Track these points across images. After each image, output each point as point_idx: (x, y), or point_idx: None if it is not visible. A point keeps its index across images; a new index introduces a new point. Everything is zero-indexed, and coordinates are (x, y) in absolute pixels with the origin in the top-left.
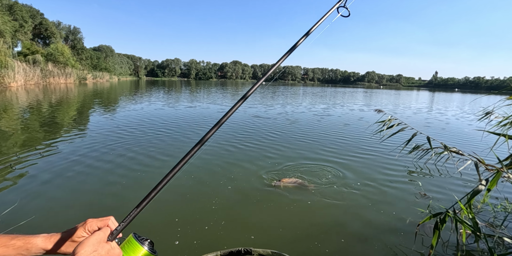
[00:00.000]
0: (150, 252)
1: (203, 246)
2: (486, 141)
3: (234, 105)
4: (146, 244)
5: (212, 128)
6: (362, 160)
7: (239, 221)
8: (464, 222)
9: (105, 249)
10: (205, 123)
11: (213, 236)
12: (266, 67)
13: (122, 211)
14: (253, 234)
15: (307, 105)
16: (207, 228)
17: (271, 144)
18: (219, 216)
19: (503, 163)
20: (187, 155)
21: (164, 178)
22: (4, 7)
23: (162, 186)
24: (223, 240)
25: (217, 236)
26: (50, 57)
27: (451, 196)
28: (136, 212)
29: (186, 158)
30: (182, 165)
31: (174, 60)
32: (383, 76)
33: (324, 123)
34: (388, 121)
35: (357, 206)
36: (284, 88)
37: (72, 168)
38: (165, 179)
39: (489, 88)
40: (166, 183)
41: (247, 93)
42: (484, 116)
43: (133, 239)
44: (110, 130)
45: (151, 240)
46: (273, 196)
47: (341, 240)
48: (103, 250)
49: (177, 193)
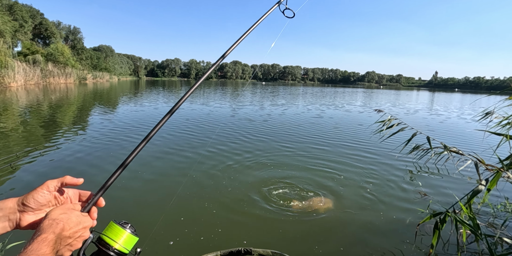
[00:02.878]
0: (133, 234)
1: (203, 246)
2: (486, 141)
3: (177, 102)
4: (128, 227)
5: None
6: (361, 159)
7: (239, 221)
8: (464, 222)
9: (75, 214)
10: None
11: (213, 236)
12: (266, 67)
13: (124, 210)
14: (253, 234)
15: (306, 105)
16: (207, 228)
17: (271, 143)
18: (219, 216)
19: (504, 163)
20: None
21: (130, 154)
22: (4, 7)
23: (126, 165)
24: (223, 240)
25: (217, 236)
26: (50, 57)
27: (451, 196)
28: (107, 185)
29: (155, 128)
30: (143, 146)
31: (174, 60)
32: (383, 76)
33: (323, 123)
34: (388, 121)
35: (357, 206)
36: (283, 88)
37: (72, 167)
38: (131, 155)
39: (489, 88)
40: (130, 161)
41: (184, 95)
42: (484, 116)
43: (114, 223)
44: (110, 129)
45: (132, 225)
46: (273, 196)
47: (341, 240)
48: (73, 214)
49: (177, 193)
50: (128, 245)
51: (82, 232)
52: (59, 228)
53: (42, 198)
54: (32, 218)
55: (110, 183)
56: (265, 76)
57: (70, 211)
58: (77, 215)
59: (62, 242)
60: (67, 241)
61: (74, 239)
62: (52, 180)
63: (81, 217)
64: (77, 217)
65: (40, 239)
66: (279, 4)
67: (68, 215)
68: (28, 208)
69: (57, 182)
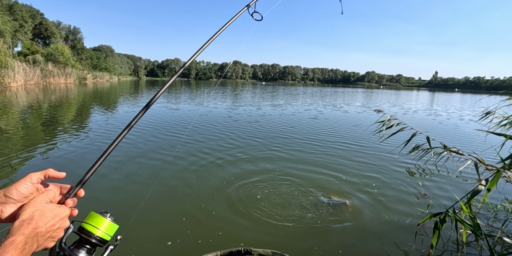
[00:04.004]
0: (113, 222)
1: (203, 246)
2: (486, 141)
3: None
4: (108, 216)
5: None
6: (361, 159)
7: (239, 221)
8: (464, 222)
9: (49, 208)
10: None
11: (213, 236)
12: (266, 67)
13: (126, 212)
14: (253, 234)
15: (305, 105)
16: (207, 228)
17: (269, 143)
18: (219, 216)
19: (505, 162)
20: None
21: (108, 148)
22: (4, 7)
23: (101, 161)
24: (223, 240)
25: (217, 237)
26: (50, 57)
27: (451, 196)
28: (86, 177)
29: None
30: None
31: (174, 60)
32: (383, 76)
33: (322, 123)
34: (388, 121)
35: (356, 206)
36: (283, 88)
37: (72, 167)
38: (108, 149)
39: (489, 88)
40: (107, 156)
41: (154, 97)
42: (484, 116)
43: (94, 213)
44: (110, 129)
45: (111, 214)
46: (273, 196)
47: (340, 240)
48: (46, 208)
49: (178, 192)
50: (110, 232)
51: (60, 223)
52: (30, 228)
53: (25, 189)
54: (12, 209)
55: (89, 176)
56: (265, 76)
57: (43, 205)
58: (52, 209)
59: (40, 238)
60: (47, 235)
61: (53, 232)
62: (35, 172)
63: (56, 209)
64: (51, 210)
65: (8, 242)
66: (248, 7)
67: (42, 211)
68: (10, 200)
69: (40, 174)
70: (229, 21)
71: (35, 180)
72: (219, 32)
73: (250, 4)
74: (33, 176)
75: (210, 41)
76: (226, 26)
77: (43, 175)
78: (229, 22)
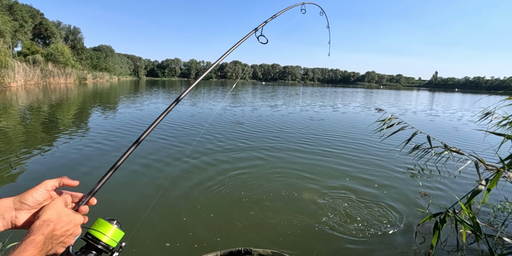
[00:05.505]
0: (120, 229)
1: (203, 246)
2: (486, 141)
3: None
4: (115, 223)
5: (148, 127)
6: (361, 159)
7: (239, 221)
8: (464, 222)
9: (65, 212)
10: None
11: (213, 236)
12: (266, 67)
13: (123, 209)
14: (253, 234)
15: (305, 104)
16: (207, 228)
17: (269, 142)
18: (219, 216)
19: (505, 162)
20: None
21: (123, 155)
22: (4, 7)
23: (117, 167)
24: (223, 240)
25: (217, 236)
26: (50, 57)
27: (451, 196)
28: (98, 186)
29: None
30: (135, 147)
31: (174, 60)
32: (383, 76)
33: (322, 123)
34: (388, 120)
35: (356, 206)
36: (283, 88)
37: (72, 167)
38: (123, 156)
39: (489, 88)
40: (122, 163)
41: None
42: (484, 116)
43: (102, 219)
44: (110, 129)
45: (118, 221)
46: (273, 196)
47: (340, 240)
48: (64, 213)
49: (178, 192)
50: (116, 239)
51: (73, 230)
52: (49, 229)
53: (40, 196)
54: (27, 216)
55: (100, 185)
56: (265, 76)
57: (62, 209)
58: (68, 213)
59: (54, 240)
60: (60, 239)
61: (66, 237)
62: (50, 180)
63: (72, 215)
64: (67, 215)
65: (28, 241)
66: (256, 30)
67: (60, 214)
68: (25, 206)
69: (55, 181)
70: (237, 43)
71: (50, 187)
72: (227, 53)
73: (258, 27)
74: (48, 183)
75: (220, 60)
76: (234, 47)
77: (57, 182)
78: (237, 45)
